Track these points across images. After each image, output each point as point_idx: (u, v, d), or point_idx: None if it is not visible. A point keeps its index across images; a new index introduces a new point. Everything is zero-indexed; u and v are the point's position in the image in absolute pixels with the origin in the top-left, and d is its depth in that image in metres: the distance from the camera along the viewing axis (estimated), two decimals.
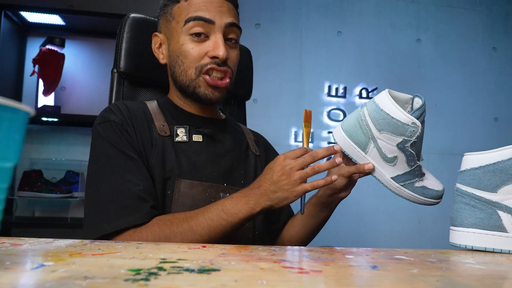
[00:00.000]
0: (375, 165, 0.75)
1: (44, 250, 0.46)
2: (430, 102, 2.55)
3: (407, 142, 0.70)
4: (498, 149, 0.63)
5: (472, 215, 0.64)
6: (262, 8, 2.46)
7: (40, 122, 2.17)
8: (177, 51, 0.85)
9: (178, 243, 0.54)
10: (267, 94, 2.41)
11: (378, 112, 0.71)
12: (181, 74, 0.86)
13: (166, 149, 0.83)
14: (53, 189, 2.02)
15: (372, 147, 0.74)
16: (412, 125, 0.69)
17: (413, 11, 2.60)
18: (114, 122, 0.81)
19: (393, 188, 0.76)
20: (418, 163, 0.74)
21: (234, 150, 0.93)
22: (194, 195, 0.82)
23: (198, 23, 0.82)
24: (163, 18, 0.89)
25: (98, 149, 0.80)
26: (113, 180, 0.76)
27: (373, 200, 2.44)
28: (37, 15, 2.08)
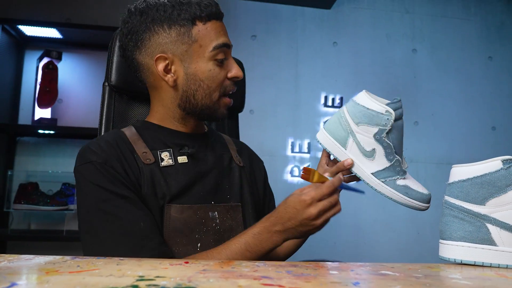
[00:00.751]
0: (355, 161, 0.77)
1: (21, 267, 0.45)
2: (427, 111, 2.56)
3: (383, 132, 0.73)
4: (485, 161, 0.62)
5: (460, 228, 0.63)
6: (257, 20, 2.47)
7: (36, 135, 2.18)
8: (202, 75, 0.84)
9: (161, 260, 0.54)
10: (263, 105, 2.41)
11: (355, 107, 0.76)
12: (205, 97, 0.85)
13: (154, 177, 0.81)
14: (49, 201, 2.02)
15: (352, 142, 0.76)
16: (386, 114, 0.72)
17: (408, 22, 2.62)
18: (96, 162, 0.78)
19: (374, 184, 0.76)
20: (396, 157, 0.75)
21: (218, 166, 0.92)
22: (185, 219, 0.81)
23: (223, 50, 0.85)
24: (173, 39, 0.83)
25: (86, 194, 0.77)
26: (111, 225, 0.74)
27: (371, 211, 2.43)
28: (34, 28, 2.09)
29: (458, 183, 0.64)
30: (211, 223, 0.85)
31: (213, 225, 0.85)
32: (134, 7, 0.85)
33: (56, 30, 2.10)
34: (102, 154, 0.79)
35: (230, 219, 0.88)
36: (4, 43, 2.05)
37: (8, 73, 2.13)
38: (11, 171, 2.10)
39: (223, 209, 0.88)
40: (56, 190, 2.07)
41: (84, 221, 0.76)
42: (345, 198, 2.69)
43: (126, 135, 0.86)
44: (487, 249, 0.60)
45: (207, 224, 0.84)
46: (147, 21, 0.83)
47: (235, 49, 0.91)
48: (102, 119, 0.99)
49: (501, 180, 0.60)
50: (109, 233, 0.74)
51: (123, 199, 0.76)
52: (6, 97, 2.13)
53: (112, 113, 1.00)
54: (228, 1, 2.45)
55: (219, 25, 0.87)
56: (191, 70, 0.84)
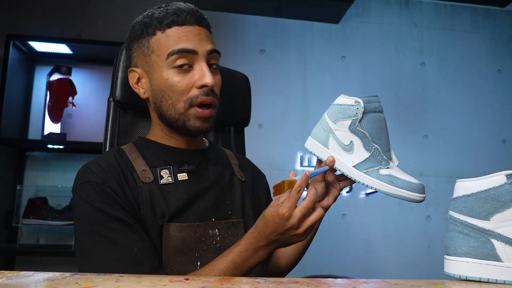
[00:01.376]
0: (337, 157, 0.79)
1: (19, 284, 0.45)
2: (436, 125, 2.53)
3: (355, 122, 0.77)
4: (489, 176, 0.60)
5: (465, 243, 0.61)
6: (266, 35, 2.49)
7: (46, 149, 2.20)
8: (162, 85, 0.81)
9: (161, 276, 0.53)
10: (272, 118, 2.41)
11: (333, 108, 0.80)
12: (169, 108, 0.82)
13: (153, 196, 0.80)
14: (57, 216, 2.02)
15: (332, 140, 0.80)
16: (356, 104, 0.77)
17: (417, 36, 2.61)
18: (94, 183, 0.76)
19: (357, 176, 0.77)
20: (374, 145, 0.77)
21: (219, 182, 0.90)
22: (185, 238, 0.80)
23: (181, 55, 0.80)
24: (138, 52, 0.85)
25: (81, 214, 0.75)
26: (104, 248, 0.72)
27: (381, 225, 2.39)
28: (45, 44, 2.13)
29: (462, 198, 0.62)
30: (212, 241, 0.83)
31: (213, 243, 0.83)
32: None
33: (66, 45, 2.13)
34: (101, 174, 0.77)
35: (231, 235, 0.86)
36: (15, 59, 2.09)
37: (18, 89, 2.16)
38: (20, 186, 2.12)
39: (224, 226, 0.86)
40: (65, 204, 2.08)
41: (78, 242, 0.75)
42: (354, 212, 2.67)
43: (125, 153, 0.85)
44: (492, 265, 0.58)
45: (207, 242, 0.82)
46: (128, 39, 0.89)
47: (244, 63, 0.90)
48: (107, 134, 0.99)
49: (505, 195, 0.59)
50: (102, 256, 0.72)
51: (118, 222, 0.74)
52: (17, 112, 2.15)
53: (117, 128, 1.00)
54: (237, 16, 2.48)
55: (182, 31, 0.81)
56: (154, 81, 0.83)
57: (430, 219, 2.44)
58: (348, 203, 2.39)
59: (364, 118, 0.77)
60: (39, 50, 2.19)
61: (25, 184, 2.17)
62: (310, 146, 0.83)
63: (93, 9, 2.35)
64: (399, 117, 2.51)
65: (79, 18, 2.33)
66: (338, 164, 0.79)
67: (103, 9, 2.36)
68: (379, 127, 0.78)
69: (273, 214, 0.70)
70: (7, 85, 2.01)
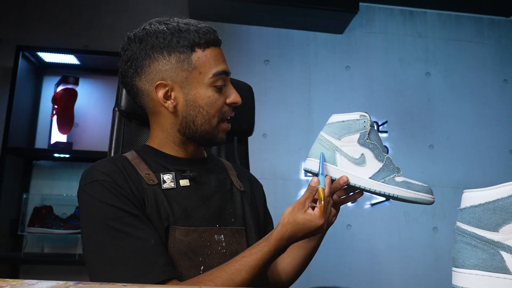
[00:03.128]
0: (349, 173, 0.80)
1: None
2: (442, 135, 2.52)
3: (364, 135, 0.79)
4: (498, 186, 0.58)
5: (473, 255, 0.58)
6: (270, 45, 2.50)
7: (52, 158, 2.22)
8: (201, 101, 0.85)
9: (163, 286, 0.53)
10: (276, 128, 2.41)
11: (331, 126, 0.82)
12: (204, 123, 0.86)
13: (157, 198, 0.81)
14: (62, 225, 2.03)
15: (340, 156, 0.81)
16: (361, 118, 0.80)
17: (421, 45, 2.62)
18: (103, 181, 0.77)
19: (376, 187, 0.78)
20: (386, 155, 0.80)
21: (220, 190, 0.92)
22: (190, 242, 0.81)
23: (222, 77, 0.86)
24: (173, 66, 0.84)
25: (92, 213, 0.76)
26: (121, 241, 0.73)
27: (386, 236, 2.37)
28: (53, 55, 2.16)
29: (470, 209, 0.60)
30: (217, 246, 0.84)
31: (218, 249, 0.84)
32: (134, 35, 0.87)
33: (74, 56, 2.17)
34: (109, 174, 0.79)
35: (235, 242, 0.87)
36: (24, 69, 2.12)
37: (26, 98, 2.18)
38: (26, 194, 2.13)
39: (229, 232, 0.87)
40: (70, 213, 2.09)
41: (91, 242, 0.75)
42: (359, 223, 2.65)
43: (127, 158, 0.86)
44: (502, 278, 0.56)
45: (212, 247, 0.83)
46: (147, 48, 0.84)
47: (248, 74, 0.93)
48: (111, 143, 1.01)
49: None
50: (119, 251, 0.72)
51: (132, 216, 0.75)
52: (24, 121, 2.17)
53: (122, 138, 1.01)
54: (241, 26, 2.50)
55: (218, 52, 0.88)
56: (190, 96, 0.85)
57: (437, 230, 2.42)
58: (353, 213, 2.38)
59: (371, 130, 0.80)
60: (48, 61, 2.22)
61: (31, 193, 2.18)
62: (314, 166, 0.83)
63: (100, 21, 2.39)
64: (404, 127, 2.50)
65: (86, 29, 2.37)
66: (352, 179, 0.79)
67: (110, 21, 2.39)
68: (379, 137, 0.82)
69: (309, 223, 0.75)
70: (16, 95, 2.04)
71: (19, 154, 2.12)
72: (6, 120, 2.01)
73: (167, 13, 2.53)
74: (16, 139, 2.05)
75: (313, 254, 0.97)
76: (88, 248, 0.75)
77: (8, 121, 2.01)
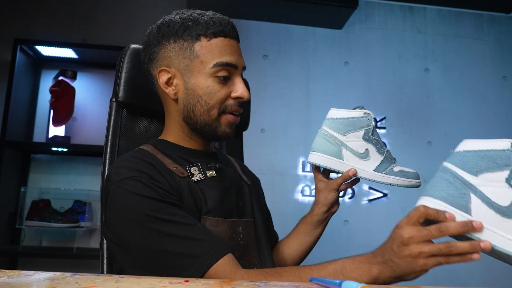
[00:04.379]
0: (355, 166, 0.86)
1: (19, 283, 0.45)
2: (440, 131, 2.53)
3: (369, 131, 0.85)
4: (495, 140, 0.63)
5: (445, 189, 0.62)
6: (269, 40, 2.50)
7: (50, 152, 2.22)
8: (200, 91, 0.84)
9: (160, 278, 0.53)
10: (274, 124, 2.41)
11: (335, 122, 0.86)
12: (203, 113, 0.85)
13: (192, 189, 0.81)
14: (60, 218, 2.03)
15: (345, 151, 0.86)
16: (365, 115, 0.85)
17: (420, 42, 2.61)
18: (141, 177, 0.76)
19: (379, 178, 0.85)
20: (386, 148, 0.87)
21: (236, 182, 0.93)
22: (219, 233, 0.81)
23: (226, 68, 0.84)
24: (176, 53, 0.85)
25: (133, 208, 0.74)
26: (170, 229, 0.72)
27: (384, 231, 2.36)
28: (51, 49, 2.15)
29: (462, 153, 0.64)
30: (237, 238, 0.85)
31: (238, 240, 0.85)
32: (155, 24, 0.89)
33: (72, 50, 2.16)
34: (145, 170, 0.78)
35: (247, 235, 0.88)
36: (22, 63, 2.11)
37: (24, 92, 2.18)
38: (24, 188, 2.13)
39: (244, 224, 0.88)
40: (68, 207, 2.09)
41: (136, 234, 0.73)
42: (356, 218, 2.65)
43: (150, 152, 0.86)
44: (460, 215, 0.60)
45: (235, 239, 0.84)
46: (159, 36, 0.86)
47: (247, 68, 0.91)
48: (108, 134, 1.00)
49: (503, 159, 0.61)
50: (171, 238, 0.71)
51: (175, 207, 0.75)
52: (22, 115, 2.17)
53: (119, 129, 1.00)
54: (240, 21, 2.49)
55: (227, 43, 0.85)
56: (190, 85, 0.85)
57: None
58: (351, 209, 2.39)
59: (375, 127, 0.86)
60: (46, 54, 2.21)
61: (29, 186, 2.18)
62: (319, 160, 0.88)
63: (98, 14, 2.38)
64: (403, 123, 2.51)
65: (84, 23, 2.36)
66: (358, 172, 0.86)
67: (108, 15, 2.38)
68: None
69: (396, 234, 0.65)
70: (14, 88, 2.03)
71: (17, 148, 2.12)
72: (4, 113, 2.01)
73: (166, 7, 2.52)
74: (14, 133, 2.04)
75: (317, 241, 1.00)
76: (132, 242, 0.73)
77: (6, 114, 2.01)
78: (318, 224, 0.96)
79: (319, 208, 0.94)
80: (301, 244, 1.00)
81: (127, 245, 0.75)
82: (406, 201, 2.40)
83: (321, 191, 0.93)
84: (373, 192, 2.41)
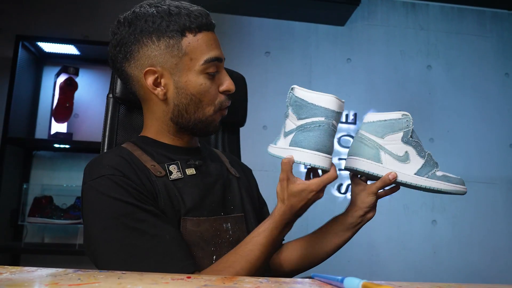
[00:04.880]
0: (395, 170, 0.82)
1: (22, 279, 0.45)
2: (442, 128, 2.52)
3: (408, 134, 0.83)
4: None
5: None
6: (271, 37, 2.49)
7: (52, 149, 2.22)
8: (192, 89, 0.81)
9: (163, 274, 0.53)
10: (277, 120, 2.40)
11: (371, 125, 0.85)
12: (197, 111, 0.83)
13: (168, 190, 0.79)
14: (62, 215, 2.04)
15: (384, 154, 0.83)
16: (404, 117, 0.83)
17: (423, 38, 2.60)
18: (113, 175, 0.73)
19: (422, 182, 0.81)
20: (427, 151, 0.84)
21: (221, 178, 0.91)
22: (202, 232, 0.80)
23: (214, 63, 0.82)
24: (162, 51, 0.80)
25: (102, 210, 0.71)
26: (135, 240, 0.70)
27: (386, 229, 2.38)
28: (53, 45, 2.15)
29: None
30: (225, 235, 0.84)
31: (226, 237, 0.84)
32: (123, 18, 0.84)
33: (74, 46, 2.16)
34: (118, 167, 0.75)
35: (238, 230, 0.87)
36: (24, 59, 2.11)
37: (26, 89, 2.18)
38: (27, 185, 2.14)
39: (233, 220, 0.87)
40: (70, 204, 2.09)
41: (102, 241, 0.71)
42: None
43: (129, 150, 0.83)
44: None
45: (222, 236, 0.83)
46: (136, 33, 0.81)
47: (249, 65, 0.91)
48: (105, 130, 0.99)
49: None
50: (134, 249, 0.69)
51: (145, 212, 0.72)
52: (24, 111, 2.17)
53: (116, 125, 1.00)
54: (242, 18, 2.48)
55: (210, 37, 0.83)
56: (181, 83, 0.81)
57: (435, 223, 2.43)
58: None
59: (413, 128, 0.85)
60: (47, 51, 2.21)
61: (31, 183, 2.19)
62: (357, 165, 0.85)
63: (100, 11, 2.37)
64: None
65: (86, 19, 2.35)
66: (399, 175, 0.82)
67: (110, 11, 2.37)
68: None
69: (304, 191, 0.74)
70: (16, 85, 2.03)
71: (19, 144, 2.13)
72: (6, 110, 2.01)
73: None
74: (16, 130, 2.05)
75: (343, 245, 0.96)
76: (98, 247, 0.71)
77: (8, 111, 2.01)
78: (350, 227, 0.91)
79: (355, 210, 0.90)
80: (327, 244, 0.94)
81: (95, 248, 0.71)
82: (408, 198, 2.39)
83: (358, 194, 0.89)
84: None
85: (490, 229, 2.45)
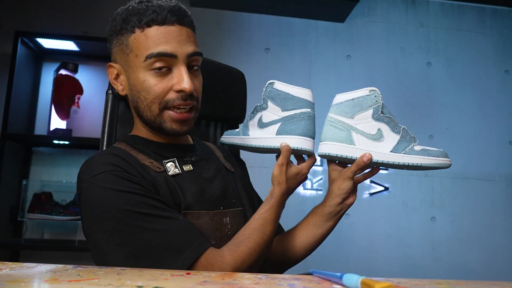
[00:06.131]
0: (370, 150, 0.79)
1: (21, 275, 0.45)
2: (442, 125, 2.52)
3: (378, 110, 0.80)
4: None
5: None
6: (271, 33, 2.49)
7: (52, 145, 2.22)
8: (138, 86, 0.79)
9: (162, 270, 0.53)
10: None
11: (339, 107, 0.82)
12: (145, 109, 0.81)
13: (169, 184, 0.79)
14: (62, 211, 2.04)
15: (356, 135, 0.80)
16: (371, 93, 0.80)
17: (423, 35, 2.60)
18: (114, 171, 0.72)
19: (399, 159, 0.78)
20: (402, 126, 0.80)
21: (219, 172, 0.91)
22: (202, 225, 0.79)
23: (160, 59, 0.77)
24: (117, 48, 0.82)
25: (109, 204, 0.70)
26: (152, 224, 0.69)
27: (385, 225, 2.39)
28: (52, 41, 2.14)
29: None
30: (224, 229, 0.84)
31: (225, 231, 0.84)
32: None
33: (73, 42, 2.15)
34: (117, 164, 0.74)
35: (236, 224, 0.87)
36: (23, 55, 2.10)
37: (26, 85, 2.17)
38: (26, 181, 2.14)
39: (232, 214, 0.88)
40: (70, 200, 2.09)
41: (113, 234, 0.69)
42: (357, 212, 2.65)
43: (123, 149, 0.82)
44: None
45: (221, 230, 0.84)
46: (109, 31, 0.85)
47: (248, 62, 0.90)
48: (105, 127, 0.99)
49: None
50: (153, 233, 0.69)
51: (155, 200, 0.72)
52: (24, 107, 2.17)
53: (115, 121, 1.00)
54: (242, 14, 2.48)
55: (162, 32, 0.77)
56: (131, 80, 0.81)
57: (435, 220, 2.43)
58: None
59: (383, 104, 0.81)
60: (47, 47, 2.21)
61: (30, 179, 2.19)
62: (329, 149, 0.81)
63: (100, 7, 2.37)
64: (405, 117, 2.50)
65: (86, 15, 2.35)
66: (374, 155, 0.78)
67: (109, 7, 2.36)
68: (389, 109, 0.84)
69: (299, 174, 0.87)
70: (15, 81, 2.03)
71: (18, 141, 2.12)
72: (5, 106, 2.01)
73: None
74: (15, 126, 2.04)
75: (327, 235, 0.94)
76: (110, 241, 0.69)
77: (7, 107, 2.00)
78: (330, 216, 0.91)
79: (331, 199, 0.88)
80: (309, 237, 0.93)
81: (105, 246, 0.70)
82: (407, 195, 2.40)
83: (334, 181, 0.88)
84: (375, 185, 2.41)
85: (489, 226, 2.46)
